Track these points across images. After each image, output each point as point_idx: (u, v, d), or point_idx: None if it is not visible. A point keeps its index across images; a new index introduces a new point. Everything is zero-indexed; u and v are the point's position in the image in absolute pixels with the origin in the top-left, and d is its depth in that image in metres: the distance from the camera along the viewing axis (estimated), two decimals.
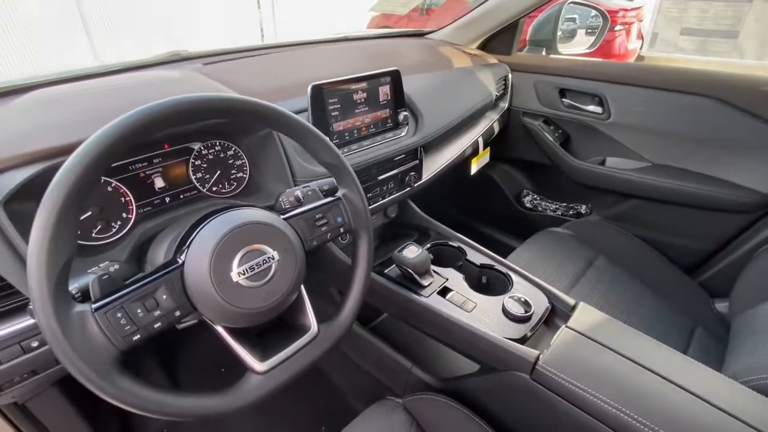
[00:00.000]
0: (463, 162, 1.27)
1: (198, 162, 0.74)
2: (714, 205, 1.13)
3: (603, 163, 1.31)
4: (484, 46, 1.46)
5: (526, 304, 0.76)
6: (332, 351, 0.56)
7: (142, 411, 0.40)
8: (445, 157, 1.15)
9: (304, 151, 0.78)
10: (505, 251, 1.11)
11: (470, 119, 1.20)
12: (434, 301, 0.79)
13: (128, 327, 0.40)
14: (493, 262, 0.89)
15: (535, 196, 1.54)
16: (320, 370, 1.16)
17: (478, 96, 1.21)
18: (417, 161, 1.01)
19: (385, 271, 0.88)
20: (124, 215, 0.66)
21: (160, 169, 0.71)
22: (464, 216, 1.70)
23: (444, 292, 0.81)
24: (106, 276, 0.44)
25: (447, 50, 1.32)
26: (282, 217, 0.54)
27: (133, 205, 0.67)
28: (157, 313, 0.42)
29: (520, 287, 0.83)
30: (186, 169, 0.73)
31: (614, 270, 1.13)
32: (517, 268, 0.87)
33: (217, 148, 0.77)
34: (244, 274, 0.46)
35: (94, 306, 0.39)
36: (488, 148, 1.40)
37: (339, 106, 0.81)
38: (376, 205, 0.95)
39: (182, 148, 0.73)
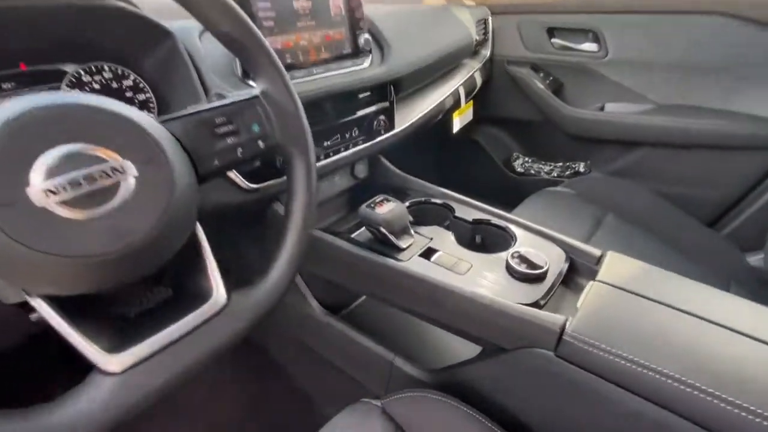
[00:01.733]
0: (443, 117, 1.09)
1: None
2: (733, 143, 0.97)
3: (602, 110, 1.15)
4: None
5: (538, 259, 0.57)
6: (252, 331, 0.35)
7: None
8: (423, 106, 0.96)
9: (224, 65, 0.58)
10: None
11: (448, 61, 1.01)
12: (416, 265, 0.59)
13: None
14: (489, 217, 0.70)
15: (527, 159, 1.36)
16: (281, 369, 0.95)
17: (456, 36, 1.03)
18: (387, 103, 0.81)
19: (353, 236, 0.68)
20: None
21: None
22: (448, 186, 1.51)
23: (428, 253, 0.62)
24: None
25: None
26: (159, 120, 0.34)
27: None
28: None
29: (527, 241, 0.64)
30: None
31: (627, 228, 0.96)
32: (520, 219, 0.68)
33: (105, 75, 0.55)
34: (57, 192, 0.25)
35: None
36: (471, 102, 1.22)
37: (274, 14, 0.60)
38: (338, 157, 0.75)
39: (48, 72, 0.52)
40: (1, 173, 0.24)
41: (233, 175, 0.61)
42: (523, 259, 0.57)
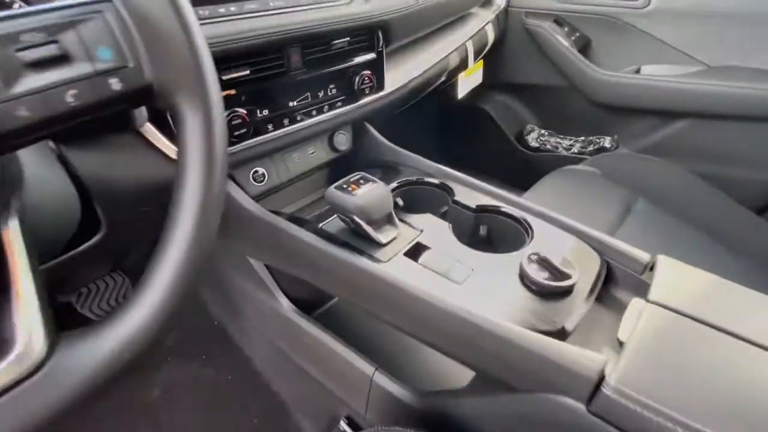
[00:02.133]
0: (447, 79, 0.91)
1: None
2: None
3: (637, 73, 0.96)
4: None
5: (563, 263, 0.41)
6: (81, 402, 0.21)
7: None
8: (421, 63, 0.79)
9: None
10: None
11: (452, 7, 0.83)
12: (398, 269, 0.44)
13: None
14: (498, 203, 0.55)
15: (543, 132, 1.18)
16: (253, 370, 0.83)
17: None
18: (374, 54, 0.64)
19: (320, 225, 0.53)
20: None
21: None
22: (449, 162, 1.34)
23: (416, 251, 0.47)
24: None
25: None
26: None
27: None
28: None
29: (547, 237, 0.48)
30: None
31: (661, 216, 0.80)
32: (538, 208, 0.52)
33: None
34: None
35: None
36: (481, 62, 1.04)
37: None
38: (309, 122, 0.59)
39: None
40: None
41: (155, 136, 0.46)
42: (543, 263, 0.42)
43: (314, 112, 0.59)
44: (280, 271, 0.70)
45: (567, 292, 0.40)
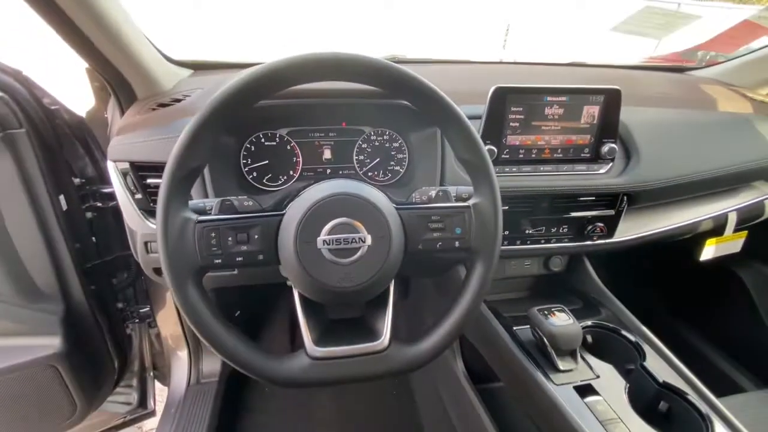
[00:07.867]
0: (691, 239, 0.90)
1: (364, 145, 0.77)
2: None
3: None
4: None
5: None
6: (400, 376, 0.46)
7: (193, 327, 0.41)
8: (662, 221, 0.84)
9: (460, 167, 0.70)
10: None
11: (722, 181, 0.83)
12: (564, 395, 0.56)
13: (215, 248, 0.42)
14: (686, 388, 0.57)
15: None
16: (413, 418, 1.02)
17: (747, 152, 0.83)
18: (612, 212, 0.76)
19: (515, 328, 0.69)
20: (291, 172, 0.74)
21: (332, 143, 0.77)
22: (672, 320, 1.22)
23: (584, 391, 0.57)
24: (229, 202, 0.48)
25: (712, 89, 0.97)
26: (396, 206, 0.47)
27: (300, 166, 0.74)
28: (243, 248, 0.43)
29: None
30: (353, 148, 0.77)
31: None
32: (736, 421, 0.53)
33: (384, 137, 0.77)
34: (329, 244, 0.42)
35: (198, 218, 0.42)
36: (745, 233, 0.95)
37: (523, 117, 0.68)
38: (536, 246, 0.76)
39: (355, 130, 0.77)
40: (310, 226, 0.42)
41: None
42: None
43: (542, 241, 0.77)
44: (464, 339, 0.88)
45: None
